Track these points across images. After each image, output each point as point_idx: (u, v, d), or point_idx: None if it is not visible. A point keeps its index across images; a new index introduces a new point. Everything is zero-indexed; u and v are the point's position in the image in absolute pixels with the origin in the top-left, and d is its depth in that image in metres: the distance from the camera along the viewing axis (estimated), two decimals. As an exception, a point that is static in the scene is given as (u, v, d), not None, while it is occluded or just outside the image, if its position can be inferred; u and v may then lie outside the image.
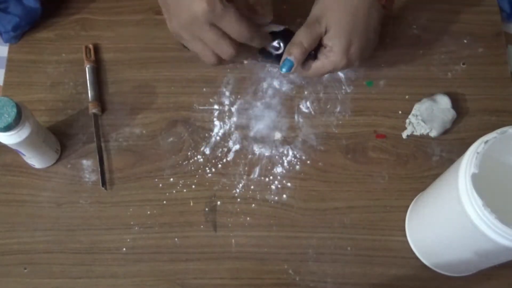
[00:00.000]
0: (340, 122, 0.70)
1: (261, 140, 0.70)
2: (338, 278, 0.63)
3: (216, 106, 0.72)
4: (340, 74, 0.73)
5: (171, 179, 0.68)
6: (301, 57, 0.60)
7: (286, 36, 0.62)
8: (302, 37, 0.60)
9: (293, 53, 0.60)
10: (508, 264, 0.58)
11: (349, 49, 0.61)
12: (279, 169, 0.68)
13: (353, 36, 0.61)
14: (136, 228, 0.66)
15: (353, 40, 0.61)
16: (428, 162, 0.68)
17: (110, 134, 0.70)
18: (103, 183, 0.66)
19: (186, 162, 0.69)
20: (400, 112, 0.71)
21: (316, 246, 0.65)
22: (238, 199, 0.67)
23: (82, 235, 0.65)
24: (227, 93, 0.72)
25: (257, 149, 0.69)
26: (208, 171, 0.68)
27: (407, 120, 0.70)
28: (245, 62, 0.73)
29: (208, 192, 0.67)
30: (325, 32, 0.62)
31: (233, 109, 0.71)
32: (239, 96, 0.72)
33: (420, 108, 0.69)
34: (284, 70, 0.61)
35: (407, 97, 0.72)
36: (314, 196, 0.67)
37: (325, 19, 0.61)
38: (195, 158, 0.69)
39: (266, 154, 0.69)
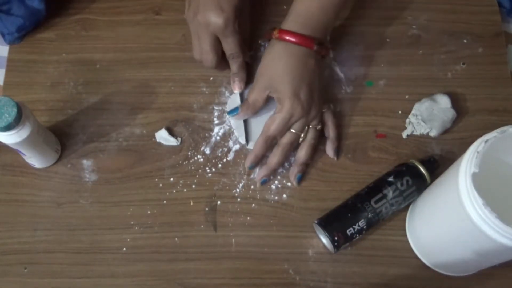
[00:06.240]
0: (340, 122, 0.70)
1: (261, 140, 0.70)
2: (338, 278, 0.63)
3: (216, 106, 0.72)
4: (340, 75, 0.73)
5: (171, 179, 0.68)
6: (245, 110, 0.67)
7: None
8: (248, 96, 0.67)
9: (241, 106, 0.67)
10: (509, 264, 0.58)
11: (299, 93, 0.63)
12: (279, 169, 0.68)
13: (297, 81, 0.63)
14: (136, 228, 0.66)
15: (299, 84, 0.63)
16: (428, 162, 0.68)
17: (110, 134, 0.70)
18: (248, 141, 0.69)
19: (186, 162, 0.69)
20: (400, 112, 0.71)
21: (316, 246, 0.65)
22: (238, 199, 0.67)
23: (82, 234, 0.65)
24: (227, 93, 0.72)
25: (257, 149, 0.69)
26: (208, 171, 0.68)
27: (407, 120, 0.70)
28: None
29: (208, 192, 0.67)
30: (270, 91, 0.65)
31: (233, 109, 0.71)
32: (239, 96, 0.72)
33: (420, 108, 0.69)
34: (230, 114, 0.69)
35: (407, 97, 0.72)
36: (314, 196, 0.67)
37: (267, 79, 0.65)
38: (195, 158, 0.69)
39: (266, 154, 0.69)
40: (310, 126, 0.66)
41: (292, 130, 0.65)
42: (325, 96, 0.69)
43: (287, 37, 0.63)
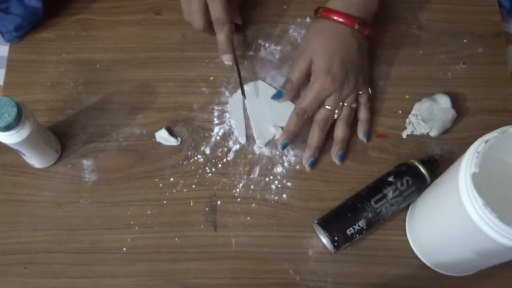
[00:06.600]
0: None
1: (261, 140, 0.70)
2: (338, 278, 0.63)
3: (216, 106, 0.72)
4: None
5: (171, 179, 0.68)
6: (289, 88, 0.68)
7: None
8: (291, 74, 0.68)
9: (284, 87, 0.68)
10: (509, 264, 0.58)
11: (332, 67, 0.65)
12: (279, 169, 0.68)
13: (332, 56, 0.65)
14: (136, 228, 0.66)
15: (334, 59, 0.65)
16: (428, 162, 0.68)
17: (110, 134, 0.70)
18: (243, 93, 0.70)
19: (186, 162, 0.69)
20: (400, 112, 0.71)
21: (316, 246, 0.65)
22: (238, 199, 0.67)
23: (82, 234, 0.65)
24: (227, 93, 0.72)
25: (257, 148, 0.69)
26: (208, 171, 0.68)
27: (407, 120, 0.70)
28: (245, 62, 0.74)
29: (208, 191, 0.67)
30: (311, 66, 0.67)
31: (233, 109, 0.71)
32: (239, 96, 0.72)
33: (420, 108, 0.69)
34: (274, 98, 0.69)
35: (407, 97, 0.72)
36: (314, 196, 0.67)
37: (308, 53, 0.67)
38: (195, 158, 0.69)
39: (266, 154, 0.69)
40: (345, 104, 0.67)
41: (326, 107, 0.66)
42: (366, 80, 0.70)
43: (329, 15, 0.66)
